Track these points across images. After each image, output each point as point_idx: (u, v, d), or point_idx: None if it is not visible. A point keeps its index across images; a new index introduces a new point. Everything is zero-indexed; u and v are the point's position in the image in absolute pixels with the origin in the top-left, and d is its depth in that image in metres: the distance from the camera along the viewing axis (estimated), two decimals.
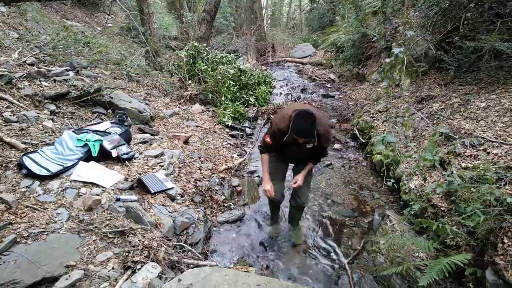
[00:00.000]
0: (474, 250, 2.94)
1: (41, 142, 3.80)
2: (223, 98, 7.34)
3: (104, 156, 3.85)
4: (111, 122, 4.54)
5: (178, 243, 3.33)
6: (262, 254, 3.70)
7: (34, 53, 5.54)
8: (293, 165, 3.82)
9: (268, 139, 3.32)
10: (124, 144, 4.07)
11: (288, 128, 3.00)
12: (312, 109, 3.02)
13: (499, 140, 3.72)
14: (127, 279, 2.67)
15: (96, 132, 4.07)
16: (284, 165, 3.73)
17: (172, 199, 3.75)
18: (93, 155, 3.72)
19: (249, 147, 6.09)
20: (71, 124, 4.43)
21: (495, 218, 2.74)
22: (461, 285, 3.00)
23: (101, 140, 3.86)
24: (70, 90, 4.87)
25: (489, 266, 2.73)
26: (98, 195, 3.31)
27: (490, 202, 2.82)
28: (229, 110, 6.97)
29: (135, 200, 3.39)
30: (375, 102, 7.00)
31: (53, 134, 4.03)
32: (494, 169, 3.23)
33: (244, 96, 7.91)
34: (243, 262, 3.50)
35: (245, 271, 3.14)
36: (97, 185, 3.43)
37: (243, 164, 5.37)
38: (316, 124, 2.88)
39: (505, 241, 2.65)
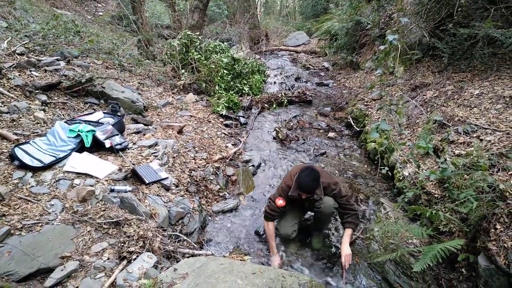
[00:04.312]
0: (466, 236, 2.97)
1: (33, 133, 3.76)
2: (216, 88, 7.29)
3: (97, 147, 3.82)
4: (104, 113, 4.49)
5: (173, 233, 3.34)
6: (257, 242, 3.71)
7: (24, 42, 5.43)
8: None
9: (280, 202, 3.34)
10: (117, 135, 4.04)
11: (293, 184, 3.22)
12: (317, 167, 3.31)
13: (492, 127, 3.75)
14: (122, 269, 2.67)
15: (89, 122, 4.03)
16: (298, 209, 3.66)
17: (167, 189, 3.74)
18: (86, 146, 3.69)
19: (243, 137, 6.07)
20: (63, 114, 4.37)
21: (488, 204, 2.77)
22: (454, 271, 3.04)
23: (94, 131, 3.82)
24: (61, 80, 4.80)
25: (482, 252, 2.76)
26: (92, 186, 3.29)
27: (483, 188, 2.85)
28: (223, 100, 6.93)
29: (130, 191, 3.38)
30: (369, 90, 6.97)
31: (45, 125, 3.98)
32: (487, 156, 3.25)
33: (238, 85, 7.87)
34: (239, 251, 3.51)
35: (240, 260, 3.16)
36: (91, 176, 3.41)
37: (238, 153, 5.36)
38: (319, 180, 3.15)
39: (498, 227, 2.68)
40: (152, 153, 4.12)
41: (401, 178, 4.16)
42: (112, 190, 3.31)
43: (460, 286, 2.90)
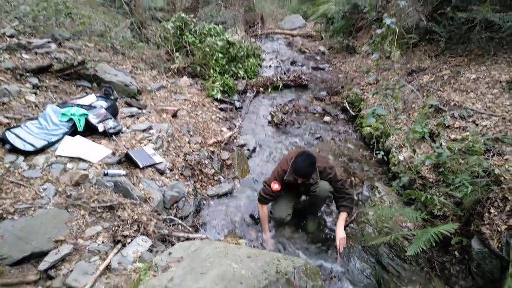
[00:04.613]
0: (460, 220, 3.00)
1: (24, 116, 3.69)
2: (211, 71, 7.19)
3: (90, 131, 3.77)
4: (97, 96, 4.42)
5: (168, 217, 3.33)
6: (252, 226, 3.72)
7: (14, 24, 5.30)
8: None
9: (276, 186, 3.32)
10: (110, 118, 3.98)
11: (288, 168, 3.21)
12: (313, 152, 3.29)
13: (488, 112, 3.74)
14: (117, 252, 2.67)
15: (81, 106, 3.97)
16: (293, 193, 3.64)
17: (161, 173, 3.72)
18: (78, 129, 3.63)
19: (238, 121, 6.03)
20: (54, 98, 4.30)
21: (482, 189, 2.78)
22: (447, 253, 3.08)
23: (87, 114, 3.77)
24: (53, 63, 4.70)
25: (475, 235, 2.78)
26: (85, 170, 3.26)
27: (478, 173, 2.85)
28: (218, 83, 6.85)
29: (124, 175, 3.35)
30: (365, 75, 6.94)
31: (36, 108, 3.92)
32: (482, 140, 3.25)
33: (233, 69, 7.77)
34: (234, 234, 3.52)
35: (235, 243, 3.16)
36: (84, 160, 3.37)
37: (233, 137, 5.33)
38: (315, 164, 3.13)
39: (492, 211, 2.69)
40: (146, 137, 4.08)
41: (396, 163, 4.17)
42: (105, 174, 3.28)
43: (453, 268, 2.94)
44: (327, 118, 6.42)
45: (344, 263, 3.19)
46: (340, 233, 3.24)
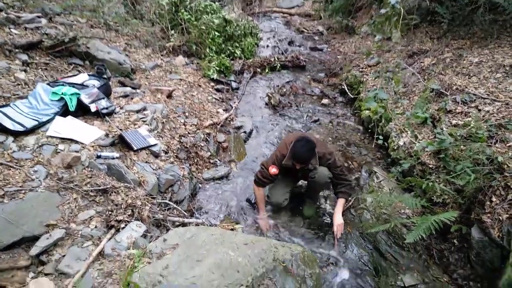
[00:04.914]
0: (460, 207, 2.95)
1: (14, 95, 3.56)
2: (207, 50, 7.01)
3: (82, 111, 3.64)
4: (89, 75, 4.27)
5: (163, 201, 3.26)
6: (248, 211, 3.67)
7: None
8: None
9: (274, 170, 3.25)
10: (103, 98, 3.85)
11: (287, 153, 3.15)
12: (312, 137, 3.23)
13: (491, 97, 3.66)
14: (111, 238, 2.61)
15: (73, 85, 3.82)
16: (290, 177, 3.58)
17: (156, 156, 3.63)
18: (70, 109, 3.50)
19: (235, 102, 5.91)
20: (45, 76, 4.15)
21: (484, 177, 2.73)
22: (446, 241, 3.05)
23: (79, 94, 3.63)
24: (43, 39, 4.52)
25: (476, 224, 2.75)
26: (77, 151, 3.15)
27: (480, 160, 2.79)
28: (214, 63, 6.68)
29: (117, 157, 3.26)
30: (364, 56, 6.80)
31: (26, 86, 3.77)
32: (485, 126, 3.17)
33: (230, 48, 7.58)
34: (230, 219, 3.47)
35: (231, 229, 3.12)
36: (76, 142, 3.26)
37: (229, 119, 5.23)
38: (315, 150, 3.06)
39: (493, 199, 2.65)
40: (140, 118, 3.96)
41: (395, 148, 4.09)
42: (98, 157, 3.18)
43: (451, 256, 2.92)
44: (325, 101, 6.32)
45: (342, 250, 3.15)
46: (338, 220, 3.21)
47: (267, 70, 7.53)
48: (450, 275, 2.83)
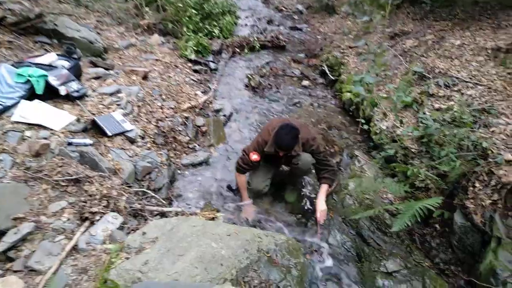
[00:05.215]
0: (443, 193, 2.95)
1: None
2: (184, 29, 6.73)
3: (51, 94, 3.40)
4: (58, 54, 3.99)
5: (140, 189, 3.12)
6: (229, 198, 3.57)
7: None
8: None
9: (255, 156, 3.14)
10: (74, 80, 3.62)
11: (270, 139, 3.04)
12: (295, 122, 3.16)
13: (474, 80, 3.64)
14: (85, 231, 2.47)
15: (40, 65, 3.55)
16: (272, 163, 3.47)
17: (132, 141, 3.46)
18: (37, 92, 3.26)
19: (213, 84, 5.72)
20: (9, 55, 3.85)
21: (468, 162, 2.71)
22: (427, 226, 3.06)
23: (46, 76, 3.38)
24: (6, 15, 4.18)
25: (458, 209, 2.75)
26: (46, 138, 2.97)
27: (467, 146, 2.77)
28: (191, 43, 6.42)
29: (90, 144, 3.08)
30: (345, 37, 6.70)
31: None
32: (468, 111, 3.16)
33: (208, 27, 7.31)
34: (210, 206, 3.35)
35: (212, 217, 3.02)
36: (45, 128, 3.06)
37: (208, 102, 5.05)
38: (298, 137, 2.96)
39: (477, 185, 2.65)
40: (114, 102, 3.76)
41: (378, 132, 4.05)
42: (69, 144, 3.00)
43: (433, 241, 2.93)
44: (305, 82, 6.22)
45: (324, 236, 3.11)
46: (321, 206, 3.16)
47: (246, 51, 7.32)
48: (432, 259, 2.84)
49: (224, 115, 4.92)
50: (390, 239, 3.01)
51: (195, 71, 6.01)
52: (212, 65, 6.38)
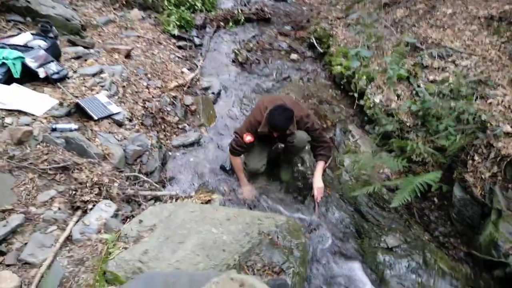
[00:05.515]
0: (441, 166, 2.94)
1: None
2: (165, 3, 6.43)
3: (29, 77, 3.20)
4: (33, 34, 3.74)
5: (132, 174, 3.02)
6: (224, 178, 3.50)
7: None
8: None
9: (249, 138, 3.03)
10: (52, 61, 3.41)
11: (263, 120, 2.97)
12: (287, 102, 3.09)
13: (468, 51, 3.58)
14: (78, 221, 2.38)
15: (15, 47, 3.33)
16: (267, 142, 3.38)
17: (120, 124, 3.31)
18: (14, 76, 3.06)
19: (199, 60, 5.53)
20: None
21: (468, 135, 2.69)
22: (426, 200, 3.06)
23: (23, 57, 3.17)
24: None
25: (457, 183, 2.75)
26: (28, 125, 2.80)
27: (465, 119, 2.74)
28: (173, 17, 6.14)
29: (76, 129, 2.92)
30: (332, 7, 6.52)
31: None
32: (464, 83, 3.11)
33: (190, 0, 7.01)
34: (205, 188, 3.28)
35: (208, 200, 2.95)
36: (26, 113, 2.89)
37: (195, 79, 4.88)
38: (293, 117, 2.90)
39: (476, 158, 2.64)
40: (98, 83, 3.57)
41: (371, 106, 3.98)
42: (54, 129, 2.84)
43: (432, 215, 2.94)
44: (294, 56, 6.07)
45: (322, 214, 3.09)
46: (318, 183, 3.12)
47: (231, 24, 7.07)
48: (431, 233, 2.86)
49: (213, 93, 4.78)
50: (389, 214, 3.01)
51: (180, 47, 5.78)
52: (196, 41, 6.14)
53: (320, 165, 3.18)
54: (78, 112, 3.12)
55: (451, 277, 2.45)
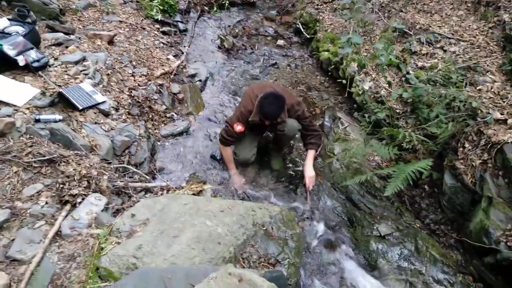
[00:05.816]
0: (431, 154, 2.96)
1: None
2: None
3: (7, 66, 3.05)
4: (9, 19, 3.55)
5: (120, 165, 2.94)
6: (214, 168, 3.46)
7: None
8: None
9: (239, 127, 2.98)
10: (32, 48, 3.24)
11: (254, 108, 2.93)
12: (277, 88, 3.08)
13: (456, 36, 3.59)
14: (67, 215, 2.29)
15: None
16: (257, 131, 3.34)
17: (106, 114, 3.20)
18: None
19: (185, 46, 5.40)
20: None
21: (458, 123, 2.71)
22: (417, 187, 3.09)
23: (1, 44, 3.02)
24: None
25: (448, 170, 2.77)
26: (9, 116, 2.66)
27: (456, 106, 2.75)
28: (156, 1, 5.96)
29: (60, 120, 2.80)
30: None
31: None
32: (454, 69, 3.12)
33: None
34: (196, 178, 3.23)
35: (200, 190, 2.91)
36: (6, 104, 2.75)
37: (181, 67, 4.77)
38: (284, 105, 2.86)
39: (466, 145, 2.66)
40: (81, 71, 3.43)
41: (360, 92, 3.97)
42: (37, 120, 2.72)
43: (423, 202, 2.98)
44: (280, 42, 6.01)
45: (314, 203, 3.09)
46: (309, 172, 3.11)
47: (215, 8, 6.92)
48: (422, 220, 2.90)
49: (200, 80, 4.69)
50: (380, 202, 3.03)
51: (164, 32, 5.62)
52: (181, 26, 5.98)
53: (311, 154, 3.17)
54: (62, 102, 2.99)
55: (442, 264, 2.49)
